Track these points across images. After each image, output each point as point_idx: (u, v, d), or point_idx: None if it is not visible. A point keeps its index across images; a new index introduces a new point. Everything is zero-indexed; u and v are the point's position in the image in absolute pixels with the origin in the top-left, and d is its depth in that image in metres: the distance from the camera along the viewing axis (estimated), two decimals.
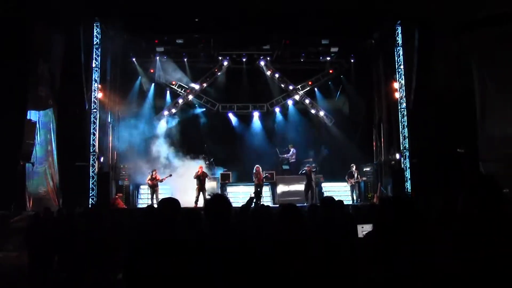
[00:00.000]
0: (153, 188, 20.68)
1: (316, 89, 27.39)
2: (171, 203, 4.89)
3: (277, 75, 26.46)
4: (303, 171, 21.59)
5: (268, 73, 26.40)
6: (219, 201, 4.42)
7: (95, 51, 20.47)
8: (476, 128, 18.94)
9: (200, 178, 20.41)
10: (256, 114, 27.25)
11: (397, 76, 21.89)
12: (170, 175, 21.19)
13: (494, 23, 18.21)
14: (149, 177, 20.85)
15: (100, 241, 8.91)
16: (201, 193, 20.09)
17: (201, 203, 19.45)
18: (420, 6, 18.86)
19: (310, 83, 27.12)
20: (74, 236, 9.29)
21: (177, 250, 4.38)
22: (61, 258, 9.89)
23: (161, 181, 20.86)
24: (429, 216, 5.79)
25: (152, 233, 4.75)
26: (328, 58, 25.87)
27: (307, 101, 26.81)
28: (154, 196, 20.48)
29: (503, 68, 18.23)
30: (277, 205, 18.35)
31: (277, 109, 27.46)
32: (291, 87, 26.75)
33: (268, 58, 25.86)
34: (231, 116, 27.17)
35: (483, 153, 18.41)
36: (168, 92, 26.42)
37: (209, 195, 4.53)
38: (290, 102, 27.46)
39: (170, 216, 4.74)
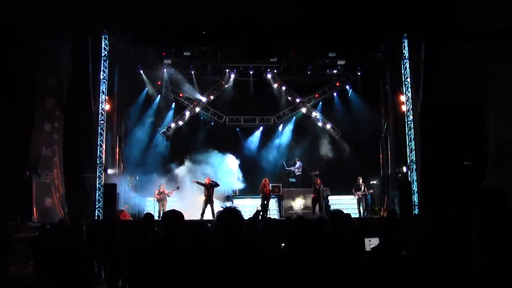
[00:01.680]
0: (161, 202, 20.60)
1: (323, 101, 27.40)
2: (174, 216, 4.89)
3: (284, 88, 26.50)
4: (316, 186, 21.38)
5: (275, 85, 26.46)
6: (231, 214, 4.39)
7: (103, 63, 20.55)
8: (484, 139, 18.86)
9: (206, 191, 20.28)
10: (262, 127, 27.23)
11: (404, 88, 21.88)
12: (178, 188, 21.17)
13: (500, 35, 18.20)
14: (157, 191, 20.80)
15: (105, 251, 8.92)
16: (208, 205, 19.98)
17: (207, 216, 19.42)
18: (426, 19, 18.90)
19: (317, 95, 27.16)
20: (79, 247, 9.29)
21: (181, 262, 4.37)
22: (65, 267, 9.86)
23: (169, 194, 20.80)
24: (437, 229, 5.76)
25: (156, 244, 4.73)
26: (335, 71, 25.94)
27: (314, 113, 26.83)
28: (162, 210, 20.32)
29: (509, 80, 18.18)
30: (283, 218, 18.32)
31: (283, 122, 27.45)
32: (298, 100, 26.77)
33: (275, 71, 25.91)
34: (238, 129, 27.17)
35: (492, 164, 18.31)
36: (175, 104, 26.45)
37: (221, 207, 4.50)
38: (297, 115, 27.47)
39: (174, 228, 4.73)
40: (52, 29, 18.50)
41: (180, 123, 26.07)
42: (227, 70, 25.69)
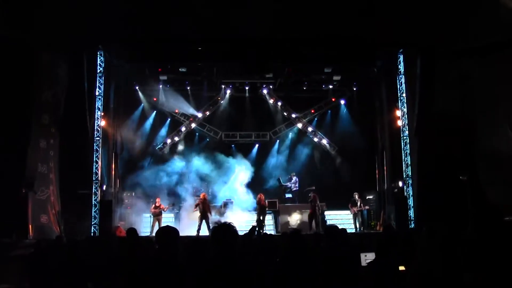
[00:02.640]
0: (157, 217, 20.47)
1: (318, 117, 27.47)
2: (169, 232, 4.89)
3: (279, 104, 26.54)
4: (310, 199, 21.42)
5: (271, 101, 26.50)
6: (225, 229, 4.40)
7: (99, 79, 20.54)
8: (480, 153, 18.90)
9: (202, 206, 20.14)
10: (258, 142, 27.26)
11: (400, 103, 21.93)
12: (173, 205, 21.11)
13: (494, 49, 18.31)
14: (153, 205, 20.70)
15: (101, 269, 8.88)
16: (203, 221, 19.88)
17: (203, 232, 19.37)
18: (422, 34, 18.98)
19: (312, 111, 27.22)
20: (75, 264, 9.24)
21: (175, 278, 4.37)
22: (62, 285, 9.81)
23: (164, 209, 20.69)
24: (433, 243, 5.76)
25: (152, 261, 4.72)
26: (331, 86, 26.01)
27: (310, 129, 26.87)
28: (157, 225, 20.16)
29: (504, 94, 18.26)
30: (280, 234, 18.29)
31: (280, 137, 27.50)
32: (294, 116, 26.81)
33: (271, 86, 25.97)
34: (234, 145, 27.16)
35: (489, 178, 18.32)
36: (171, 120, 26.46)
37: (215, 223, 4.48)
38: (292, 131, 27.53)
39: (169, 245, 4.72)
40: (48, 46, 18.54)
41: (176, 139, 26.09)
42: (223, 86, 25.72)
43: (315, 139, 26.92)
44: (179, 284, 4.33)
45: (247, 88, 25.83)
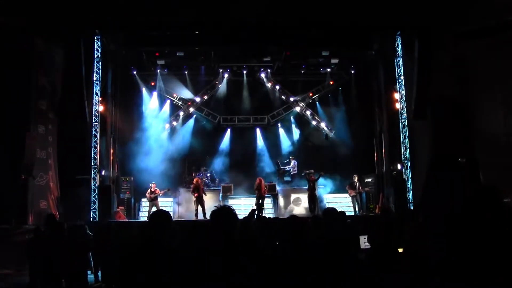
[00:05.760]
0: (153, 202, 20.43)
1: (316, 100, 27.39)
2: (161, 216, 4.89)
3: (277, 87, 26.45)
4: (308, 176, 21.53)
5: (269, 85, 26.40)
6: (225, 212, 4.40)
7: (96, 64, 20.51)
8: (477, 136, 18.92)
9: (198, 190, 20.17)
10: (257, 126, 27.19)
11: (398, 86, 21.91)
12: (168, 189, 21.07)
13: (491, 32, 18.28)
14: (149, 191, 20.64)
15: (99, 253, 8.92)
16: (199, 205, 19.92)
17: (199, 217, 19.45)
18: (419, 17, 18.91)
19: (310, 94, 27.13)
20: (73, 249, 9.26)
21: (169, 263, 4.38)
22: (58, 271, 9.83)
23: (159, 194, 20.63)
24: (431, 226, 5.78)
25: (144, 246, 4.72)
26: (329, 70, 25.94)
27: (308, 112, 26.80)
28: (154, 210, 20.10)
29: (501, 77, 18.25)
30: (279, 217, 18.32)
31: (278, 121, 27.42)
32: (292, 99, 26.74)
33: (269, 70, 25.87)
34: (232, 128, 27.08)
35: (486, 161, 18.35)
36: (168, 104, 26.37)
37: (215, 206, 4.48)
38: (291, 114, 27.46)
39: (161, 229, 4.72)
40: (44, 31, 18.47)
41: (174, 123, 26.02)
42: (221, 70, 25.60)
43: (313, 123, 26.88)
44: (173, 268, 4.34)
45: (244, 72, 25.71)
